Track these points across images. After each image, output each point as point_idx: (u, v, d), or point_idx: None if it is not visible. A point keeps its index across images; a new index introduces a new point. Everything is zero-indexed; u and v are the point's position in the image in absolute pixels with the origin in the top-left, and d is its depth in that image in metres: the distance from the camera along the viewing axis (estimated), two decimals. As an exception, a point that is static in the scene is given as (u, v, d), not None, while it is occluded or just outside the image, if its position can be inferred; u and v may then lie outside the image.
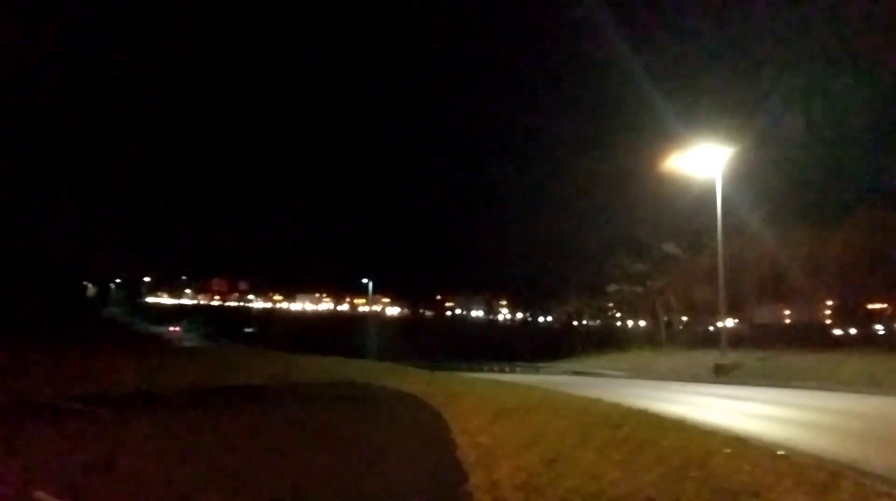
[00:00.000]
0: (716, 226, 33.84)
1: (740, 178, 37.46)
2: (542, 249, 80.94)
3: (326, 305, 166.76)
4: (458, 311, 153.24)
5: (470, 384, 23.85)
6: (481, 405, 15.34)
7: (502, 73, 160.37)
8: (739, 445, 10.30)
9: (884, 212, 41.41)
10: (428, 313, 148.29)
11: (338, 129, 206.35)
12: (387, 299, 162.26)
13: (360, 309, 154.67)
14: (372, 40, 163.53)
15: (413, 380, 23.09)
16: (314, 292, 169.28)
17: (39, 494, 7.23)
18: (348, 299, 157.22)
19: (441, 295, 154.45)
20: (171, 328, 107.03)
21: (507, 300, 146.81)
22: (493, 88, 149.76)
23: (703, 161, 33.97)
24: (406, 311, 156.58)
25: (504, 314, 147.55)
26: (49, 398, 16.36)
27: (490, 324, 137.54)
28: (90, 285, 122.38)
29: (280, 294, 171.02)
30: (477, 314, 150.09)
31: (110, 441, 11.29)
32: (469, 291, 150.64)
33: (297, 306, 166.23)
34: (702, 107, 40.86)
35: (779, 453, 9.69)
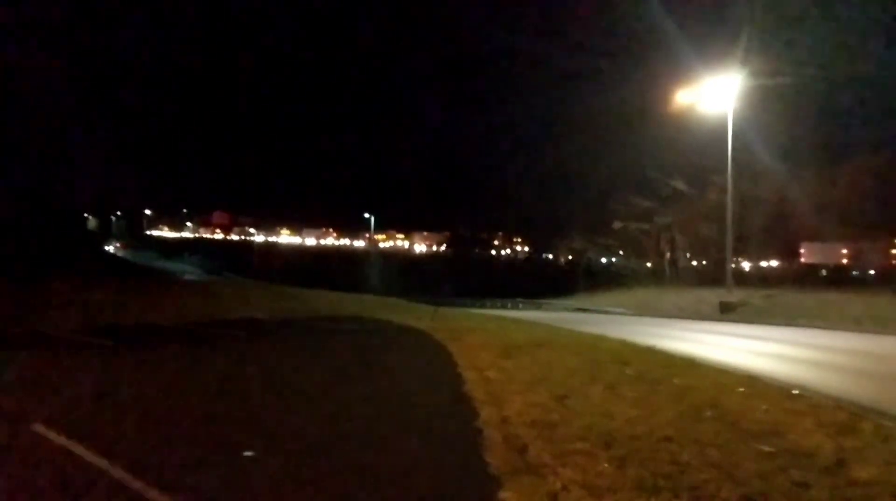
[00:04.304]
0: (725, 163, 33.26)
1: (751, 115, 36.74)
2: (545, 185, 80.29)
3: (341, 241, 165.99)
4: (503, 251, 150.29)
5: (475, 319, 23.73)
6: (488, 340, 15.18)
7: (509, 4, 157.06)
8: (753, 384, 10.14)
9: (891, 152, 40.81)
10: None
11: (347, 66, 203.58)
12: (401, 236, 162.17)
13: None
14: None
15: (418, 316, 22.95)
16: (321, 228, 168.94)
17: (38, 427, 7.05)
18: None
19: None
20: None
21: (509, 237, 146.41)
22: (501, 20, 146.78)
23: (714, 95, 33.16)
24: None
25: (507, 250, 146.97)
26: (53, 331, 16.26)
27: (492, 260, 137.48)
28: (91, 218, 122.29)
29: (287, 229, 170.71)
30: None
31: (110, 371, 11.17)
32: (479, 226, 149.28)
33: (309, 241, 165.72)
34: (715, 37, 39.74)
35: (794, 392, 9.51)
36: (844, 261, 46.88)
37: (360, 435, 7.13)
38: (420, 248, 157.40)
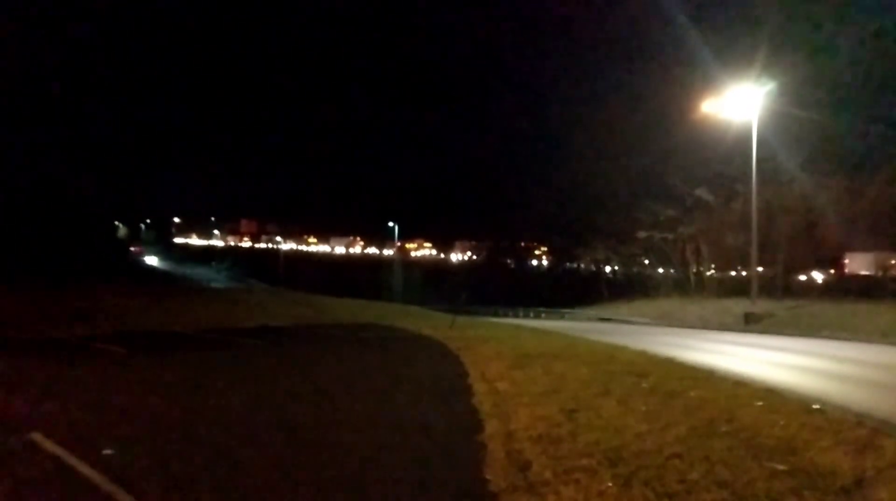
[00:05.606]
0: (750, 172, 32.72)
1: (777, 124, 36.13)
2: (569, 194, 79.40)
3: (369, 249, 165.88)
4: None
5: (492, 329, 23.51)
6: (502, 350, 14.95)
7: (530, 12, 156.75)
8: (771, 397, 9.82)
9: None
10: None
11: (381, 76, 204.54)
12: (428, 244, 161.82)
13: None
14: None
15: (435, 324, 22.80)
16: (349, 236, 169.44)
17: (35, 435, 6.95)
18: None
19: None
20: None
21: (533, 246, 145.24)
22: (525, 28, 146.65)
23: (738, 104, 32.69)
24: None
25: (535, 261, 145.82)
26: (67, 337, 16.31)
27: (516, 270, 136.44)
28: (121, 226, 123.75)
29: (314, 237, 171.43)
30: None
31: (118, 378, 11.12)
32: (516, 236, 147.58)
33: (338, 249, 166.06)
34: (740, 46, 39.12)
35: (814, 407, 9.18)
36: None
37: (357, 447, 6.95)
38: (457, 257, 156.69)
